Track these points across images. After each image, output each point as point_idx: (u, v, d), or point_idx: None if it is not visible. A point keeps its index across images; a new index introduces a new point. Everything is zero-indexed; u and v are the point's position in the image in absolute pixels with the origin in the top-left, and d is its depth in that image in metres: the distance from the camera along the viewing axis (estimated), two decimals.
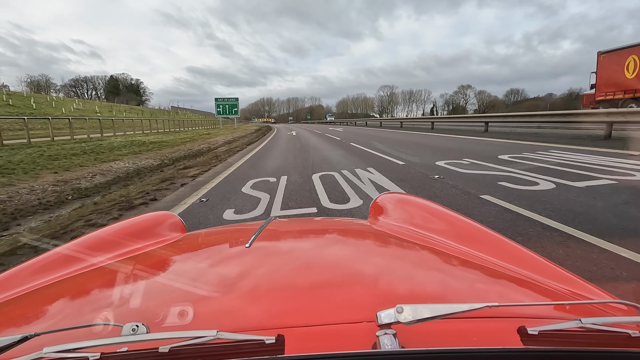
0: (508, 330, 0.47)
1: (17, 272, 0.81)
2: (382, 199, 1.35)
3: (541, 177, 4.40)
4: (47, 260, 0.87)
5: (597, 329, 0.43)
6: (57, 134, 14.21)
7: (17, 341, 0.43)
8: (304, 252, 0.90)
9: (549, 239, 2.42)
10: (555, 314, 0.56)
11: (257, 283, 0.68)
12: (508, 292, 0.70)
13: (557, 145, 8.05)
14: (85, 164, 7.43)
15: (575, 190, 3.65)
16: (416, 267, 0.81)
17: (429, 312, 0.41)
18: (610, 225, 2.62)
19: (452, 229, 0.98)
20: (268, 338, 0.41)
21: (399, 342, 0.41)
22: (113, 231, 1.05)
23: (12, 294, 0.73)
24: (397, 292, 0.64)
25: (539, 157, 6.13)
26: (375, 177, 5.13)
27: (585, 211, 2.97)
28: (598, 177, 4.23)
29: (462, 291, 0.67)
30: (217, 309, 0.59)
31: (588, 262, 2.05)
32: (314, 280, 0.70)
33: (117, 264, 0.84)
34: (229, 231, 1.26)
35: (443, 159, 6.57)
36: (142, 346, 0.42)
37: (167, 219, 1.21)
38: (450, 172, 5.14)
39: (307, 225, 1.35)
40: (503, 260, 0.78)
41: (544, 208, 3.10)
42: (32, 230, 3.34)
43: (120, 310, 0.61)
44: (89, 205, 4.25)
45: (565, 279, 0.70)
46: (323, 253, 0.89)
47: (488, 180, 4.43)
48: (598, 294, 0.66)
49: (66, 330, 0.48)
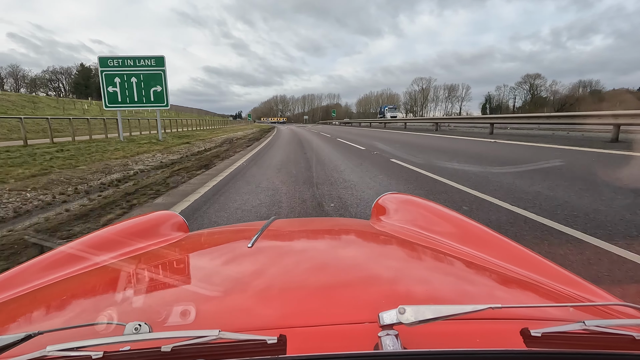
0: (511, 331, 0.47)
1: (21, 271, 0.82)
2: (384, 199, 1.34)
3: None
4: (51, 259, 0.87)
5: (601, 331, 0.43)
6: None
7: (20, 339, 0.43)
8: (306, 253, 0.90)
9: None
10: (559, 315, 0.56)
11: (259, 283, 0.68)
12: (511, 293, 0.69)
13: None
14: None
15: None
16: (418, 267, 0.81)
17: (431, 313, 0.40)
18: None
19: (455, 230, 0.98)
20: (270, 338, 0.41)
21: (401, 343, 0.41)
22: (116, 230, 1.05)
23: (17, 292, 0.74)
24: (399, 292, 0.64)
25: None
26: None
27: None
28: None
29: (464, 292, 0.67)
30: (219, 309, 0.59)
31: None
32: (316, 280, 0.70)
33: (120, 263, 0.85)
34: (231, 231, 1.26)
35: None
36: (144, 345, 0.42)
37: (170, 218, 1.22)
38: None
39: (309, 225, 1.35)
40: (506, 261, 0.78)
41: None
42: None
43: (123, 309, 0.61)
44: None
45: (568, 280, 0.70)
46: (325, 253, 0.89)
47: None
48: (602, 296, 0.65)
49: (69, 329, 0.48)
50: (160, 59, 13.83)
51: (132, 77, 13.48)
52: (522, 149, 8.46)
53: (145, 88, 13.67)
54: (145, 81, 13.62)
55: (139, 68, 13.55)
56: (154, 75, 13.74)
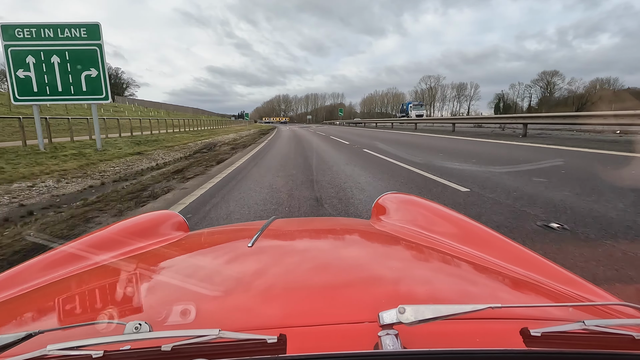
0: (511, 331, 0.47)
1: (22, 270, 0.82)
2: (384, 199, 1.34)
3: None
4: (51, 258, 0.87)
5: (601, 331, 0.43)
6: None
7: (21, 338, 0.44)
8: (306, 252, 0.91)
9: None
10: (559, 315, 0.56)
11: (259, 282, 0.68)
12: (511, 293, 0.69)
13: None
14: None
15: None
16: (418, 267, 0.81)
17: (431, 313, 0.40)
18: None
19: (455, 230, 0.98)
20: (270, 337, 0.42)
21: (401, 343, 0.41)
22: (117, 230, 1.06)
23: (17, 291, 0.74)
24: (399, 292, 0.64)
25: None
26: None
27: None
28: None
29: (464, 292, 0.67)
30: (219, 308, 0.59)
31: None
32: (316, 280, 0.70)
33: (120, 262, 0.85)
34: (231, 230, 1.26)
35: None
36: (144, 344, 0.42)
37: (170, 218, 1.22)
38: None
39: (309, 225, 1.35)
40: (505, 261, 0.78)
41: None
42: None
43: (123, 308, 0.61)
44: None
45: (568, 280, 0.70)
46: (325, 253, 0.89)
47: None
48: (602, 296, 0.65)
49: (70, 328, 0.48)
50: (94, 27, 8.81)
51: (52, 55, 8.63)
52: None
53: (74, 72, 8.78)
54: (72, 61, 8.74)
55: (64, 42, 8.65)
56: (86, 53, 8.79)
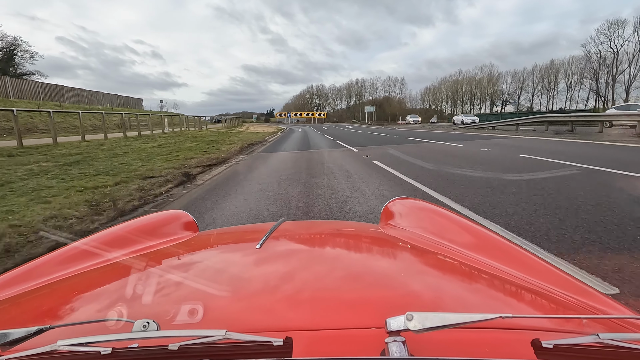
0: (521, 342, 0.45)
1: (36, 265, 0.84)
2: (393, 204, 1.33)
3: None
4: (63, 255, 0.89)
5: (616, 345, 0.42)
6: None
7: (32, 333, 0.44)
8: (314, 255, 0.90)
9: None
10: (572, 327, 0.54)
11: (266, 284, 0.68)
12: (522, 303, 0.68)
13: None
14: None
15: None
16: (427, 274, 0.80)
17: (440, 321, 0.40)
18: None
19: (465, 237, 0.97)
20: (276, 340, 0.41)
21: (408, 350, 0.41)
22: (128, 229, 1.07)
23: (31, 285, 0.76)
24: (407, 299, 0.64)
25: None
26: None
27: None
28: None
29: (474, 300, 0.65)
30: (226, 309, 0.60)
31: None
32: (323, 283, 0.70)
33: (130, 260, 0.86)
34: (240, 232, 1.27)
35: None
36: (152, 343, 0.43)
37: (180, 217, 1.23)
38: None
39: (317, 228, 1.35)
40: (517, 269, 0.76)
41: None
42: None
43: (132, 306, 0.62)
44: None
45: (582, 291, 0.68)
46: (333, 257, 0.89)
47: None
48: (617, 309, 0.63)
49: (80, 325, 0.49)
50: None
51: None
52: None
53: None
54: None
55: None
56: None
